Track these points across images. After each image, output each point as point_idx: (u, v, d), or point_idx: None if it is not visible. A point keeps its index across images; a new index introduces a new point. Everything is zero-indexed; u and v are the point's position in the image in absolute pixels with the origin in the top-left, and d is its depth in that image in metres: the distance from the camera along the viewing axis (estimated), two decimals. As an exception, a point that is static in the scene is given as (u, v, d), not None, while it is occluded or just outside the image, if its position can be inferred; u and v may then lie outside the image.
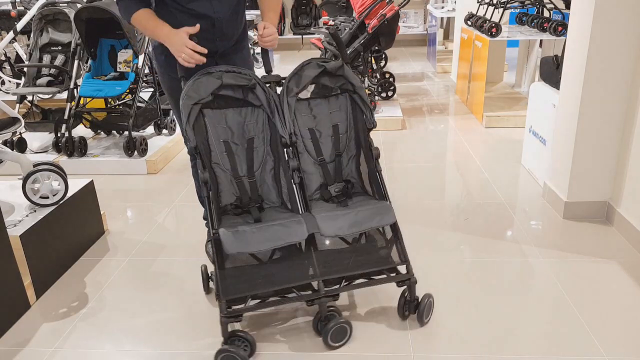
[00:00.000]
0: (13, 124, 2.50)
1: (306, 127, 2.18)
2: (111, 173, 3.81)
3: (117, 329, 2.11)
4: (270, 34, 2.10)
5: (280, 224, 1.93)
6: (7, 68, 5.38)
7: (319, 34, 6.61)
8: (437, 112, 5.05)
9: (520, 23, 5.25)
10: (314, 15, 8.61)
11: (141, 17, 2.05)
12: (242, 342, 1.88)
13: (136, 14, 2.04)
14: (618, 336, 1.96)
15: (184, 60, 1.97)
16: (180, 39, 1.97)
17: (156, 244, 2.78)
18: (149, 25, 2.05)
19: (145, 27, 2.07)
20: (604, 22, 2.52)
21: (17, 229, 2.27)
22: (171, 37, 1.99)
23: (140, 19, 2.05)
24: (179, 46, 1.97)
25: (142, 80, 3.89)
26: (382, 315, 2.11)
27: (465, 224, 2.85)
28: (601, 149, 2.74)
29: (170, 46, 2.01)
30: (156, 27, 2.03)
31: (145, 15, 2.05)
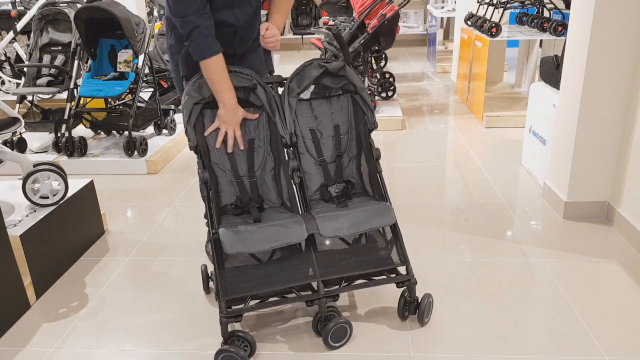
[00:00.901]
0: (13, 124, 2.50)
1: (307, 128, 2.18)
2: (111, 173, 3.81)
3: (117, 329, 2.11)
4: (272, 35, 2.11)
5: (280, 224, 1.93)
6: (7, 68, 5.38)
7: (319, 34, 6.61)
8: (437, 112, 5.05)
9: (520, 23, 5.25)
10: (314, 15, 8.61)
11: (217, 65, 1.97)
12: (242, 342, 1.88)
13: (214, 58, 1.95)
14: (618, 336, 1.96)
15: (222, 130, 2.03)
16: (238, 118, 2.04)
17: (156, 244, 2.78)
18: (222, 80, 1.98)
19: (214, 79, 1.98)
20: (604, 22, 2.52)
21: (17, 229, 2.28)
22: (232, 109, 2.02)
23: (216, 68, 1.97)
24: (233, 122, 2.04)
25: (142, 80, 3.89)
26: (382, 315, 2.11)
27: (465, 224, 2.85)
28: (601, 149, 2.74)
29: (224, 112, 2.02)
30: (226, 88, 2.00)
31: (221, 66, 1.98)
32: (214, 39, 1.96)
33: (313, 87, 2.17)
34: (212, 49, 1.95)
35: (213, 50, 1.95)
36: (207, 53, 1.94)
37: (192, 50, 1.96)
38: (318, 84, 2.17)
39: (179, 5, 1.92)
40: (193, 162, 3.98)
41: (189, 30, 1.93)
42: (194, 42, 1.94)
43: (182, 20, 1.93)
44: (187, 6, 1.91)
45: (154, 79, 4.18)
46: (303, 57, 7.45)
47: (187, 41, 1.96)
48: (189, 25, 1.92)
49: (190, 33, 1.93)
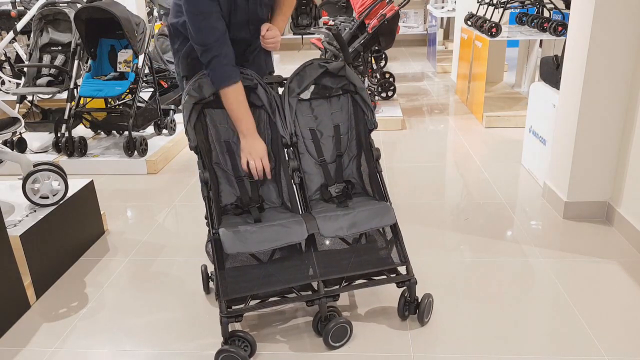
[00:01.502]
0: (13, 124, 2.50)
1: (307, 128, 2.18)
2: (111, 173, 3.81)
3: (117, 329, 2.11)
4: (272, 36, 2.11)
5: (280, 224, 1.93)
6: (7, 68, 5.38)
7: (319, 34, 6.61)
8: (437, 112, 5.05)
9: (520, 23, 5.25)
10: (314, 15, 8.60)
11: (237, 94, 1.99)
12: (242, 342, 1.88)
13: (232, 87, 1.97)
14: (618, 336, 1.96)
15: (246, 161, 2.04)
16: (262, 150, 2.05)
17: (156, 244, 2.78)
18: (241, 109, 2.00)
19: (234, 108, 2.00)
20: (604, 22, 2.52)
21: (17, 229, 2.27)
22: (254, 139, 2.03)
23: (235, 96, 1.99)
24: (256, 155, 2.04)
25: (142, 80, 3.89)
26: (382, 315, 2.12)
27: (465, 224, 2.85)
28: (601, 149, 2.74)
29: (245, 143, 2.03)
30: (245, 117, 2.01)
31: (241, 94, 2.00)
32: (233, 67, 1.98)
33: (313, 87, 2.17)
34: (232, 78, 1.97)
35: (232, 79, 1.97)
36: (226, 82, 1.97)
37: (212, 79, 1.99)
38: (318, 84, 2.17)
39: (200, 35, 1.93)
40: (193, 162, 3.98)
41: (209, 59, 1.95)
42: (213, 71, 1.96)
43: (203, 49, 1.95)
44: (209, 35, 1.93)
45: (154, 79, 4.18)
46: (303, 57, 7.45)
47: (207, 69, 1.98)
48: (209, 54, 1.94)
49: (210, 61, 1.95)
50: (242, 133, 2.03)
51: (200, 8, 1.90)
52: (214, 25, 1.93)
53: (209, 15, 1.92)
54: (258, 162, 2.04)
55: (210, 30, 1.92)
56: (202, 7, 1.90)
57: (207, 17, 1.92)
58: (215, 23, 1.93)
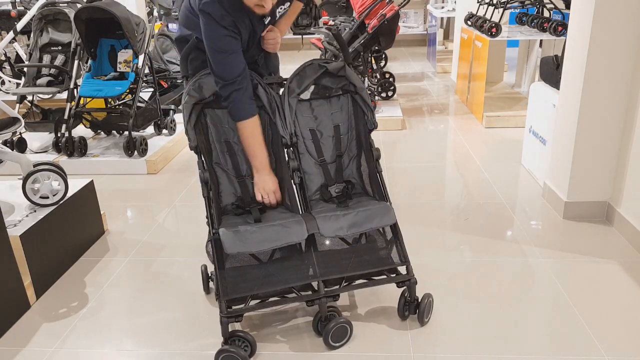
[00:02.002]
0: (13, 124, 2.50)
1: (307, 128, 2.18)
2: (111, 173, 3.81)
3: (117, 329, 2.11)
4: (272, 37, 2.12)
5: (280, 224, 1.93)
6: (7, 68, 5.38)
7: (319, 34, 6.61)
8: (437, 112, 5.05)
9: (520, 23, 5.25)
10: (314, 15, 8.60)
11: (254, 128, 2.02)
12: (242, 342, 1.88)
13: (249, 121, 2.01)
14: (618, 336, 1.96)
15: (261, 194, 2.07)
16: (274, 185, 2.08)
17: (156, 244, 2.78)
18: (256, 144, 2.03)
19: (250, 142, 2.03)
20: (604, 22, 2.52)
21: (17, 229, 2.27)
22: (266, 175, 2.06)
23: (252, 130, 2.02)
24: (269, 190, 2.07)
25: (142, 80, 3.89)
26: (382, 315, 2.12)
27: (465, 224, 2.85)
28: (601, 149, 2.74)
29: (260, 180, 2.06)
30: (260, 153, 2.04)
31: (257, 128, 2.03)
32: (252, 101, 2.01)
33: (313, 87, 2.17)
34: (250, 111, 2.00)
35: (250, 113, 2.00)
36: (245, 115, 2.00)
37: (231, 111, 2.01)
38: (318, 84, 2.17)
39: (222, 70, 1.94)
40: (193, 162, 3.98)
41: (230, 92, 1.97)
42: (233, 104, 1.98)
43: (224, 83, 1.96)
44: (232, 71, 1.95)
45: (154, 79, 4.18)
46: (303, 57, 7.44)
47: (226, 101, 1.99)
48: (230, 88, 1.96)
49: (230, 95, 1.97)
50: (256, 168, 2.06)
51: (223, 46, 1.91)
52: (236, 61, 1.95)
53: (231, 53, 1.93)
54: (271, 196, 2.08)
55: (233, 66, 1.94)
56: (225, 46, 1.92)
57: (229, 54, 1.93)
58: (237, 58, 1.95)
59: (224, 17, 1.87)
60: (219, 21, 1.87)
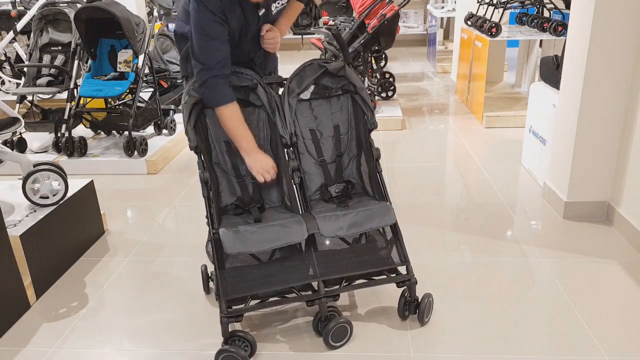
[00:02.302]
0: (13, 124, 2.50)
1: (307, 128, 2.18)
2: (111, 173, 3.81)
3: (117, 329, 2.11)
4: (272, 37, 2.11)
5: (280, 224, 1.93)
6: (7, 68, 5.37)
7: (319, 34, 6.61)
8: (437, 112, 5.05)
9: (520, 23, 5.25)
10: (314, 15, 8.60)
11: (233, 112, 1.98)
12: (242, 342, 1.88)
13: (228, 107, 1.97)
14: (618, 336, 1.96)
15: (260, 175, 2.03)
16: (268, 162, 2.04)
17: (156, 244, 2.78)
18: (239, 127, 2.00)
19: (231, 126, 1.99)
20: (604, 22, 2.52)
21: (17, 229, 2.27)
22: (257, 154, 2.03)
23: (231, 115, 1.98)
24: (266, 166, 2.03)
25: (142, 80, 3.89)
26: (382, 315, 2.12)
27: (465, 224, 2.85)
28: (601, 149, 2.74)
29: (250, 160, 2.02)
30: (245, 136, 2.01)
31: (237, 113, 1.99)
32: (228, 87, 1.98)
33: (313, 87, 2.17)
34: (227, 96, 1.97)
35: (228, 98, 1.97)
36: (223, 101, 1.96)
37: (206, 98, 1.98)
38: (318, 84, 2.17)
39: (203, 54, 1.93)
40: (193, 162, 3.97)
41: (206, 78, 1.94)
42: (209, 90, 1.95)
43: (202, 67, 1.94)
44: (211, 57, 1.93)
45: (154, 79, 4.18)
46: (303, 57, 7.44)
47: (202, 87, 1.97)
48: (207, 73, 1.94)
49: (206, 80, 1.95)
50: (245, 151, 2.03)
51: (208, 30, 1.91)
52: (218, 47, 1.93)
53: (215, 38, 1.92)
54: (271, 172, 2.05)
55: (213, 52, 1.93)
56: (210, 30, 1.91)
57: (213, 40, 1.92)
58: (220, 46, 1.94)
59: (213, 3, 1.88)
60: (208, 6, 1.88)
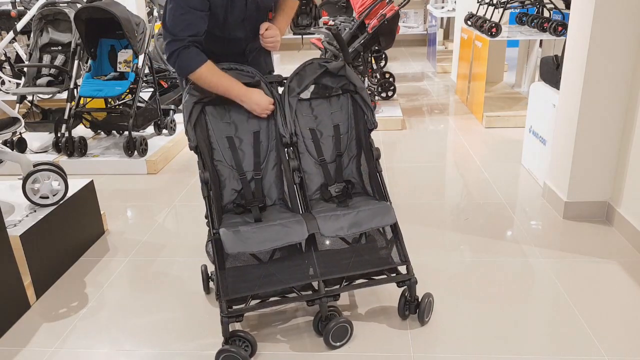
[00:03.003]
0: (13, 124, 2.50)
1: (307, 128, 2.18)
2: (111, 173, 3.81)
3: (117, 329, 2.11)
4: (271, 35, 2.11)
5: (281, 224, 1.93)
6: (7, 68, 5.37)
7: (319, 34, 6.61)
8: (437, 112, 5.05)
9: (520, 23, 5.25)
10: (314, 15, 8.60)
11: (210, 70, 1.94)
12: (242, 342, 1.88)
13: (202, 68, 1.92)
14: (618, 336, 1.96)
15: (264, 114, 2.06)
16: (265, 99, 2.05)
17: (156, 244, 2.78)
18: (223, 81, 1.96)
19: (216, 84, 1.96)
20: (604, 22, 2.52)
21: (17, 229, 2.27)
22: (253, 95, 2.02)
23: (209, 73, 1.94)
24: (265, 104, 2.04)
25: (142, 80, 3.89)
26: (383, 315, 2.12)
27: (465, 224, 2.85)
28: (601, 149, 2.74)
29: (250, 101, 2.02)
30: (232, 84, 1.98)
31: (214, 68, 1.95)
32: (198, 51, 1.93)
33: (313, 86, 2.17)
34: (199, 58, 1.93)
35: (200, 60, 1.93)
36: (195, 64, 1.92)
37: (179, 67, 1.93)
38: (318, 84, 2.17)
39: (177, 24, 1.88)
40: (193, 162, 3.97)
41: (176, 48, 1.90)
42: (179, 58, 1.91)
43: (172, 38, 1.89)
44: (185, 29, 1.89)
45: (154, 79, 4.18)
46: (303, 57, 7.44)
47: (172, 58, 1.92)
48: (177, 44, 1.90)
49: (175, 50, 1.90)
50: (240, 97, 2.01)
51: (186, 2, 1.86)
52: (195, 21, 1.89)
53: (193, 9, 1.88)
54: (271, 107, 2.06)
55: (189, 24, 1.88)
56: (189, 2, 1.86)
57: (191, 11, 1.87)
58: (197, 20, 1.89)
59: None
60: None
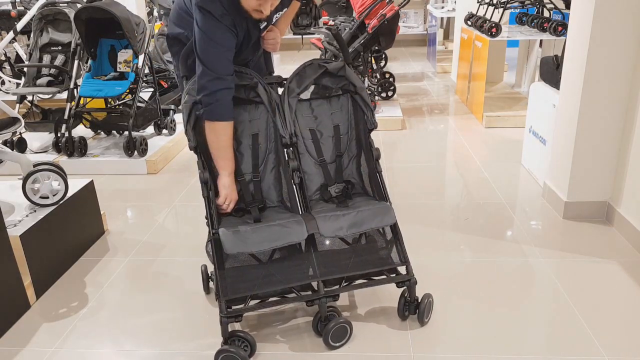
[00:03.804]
0: (13, 124, 2.50)
1: (307, 128, 2.18)
2: (111, 173, 3.81)
3: (117, 329, 2.11)
4: (272, 37, 2.12)
5: (280, 224, 1.93)
6: (7, 68, 5.38)
7: (319, 34, 6.61)
8: (437, 112, 5.05)
9: (520, 23, 5.25)
10: (314, 15, 8.60)
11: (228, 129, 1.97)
12: (242, 342, 1.88)
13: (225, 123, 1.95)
14: (618, 336, 1.96)
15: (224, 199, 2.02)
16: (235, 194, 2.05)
17: (156, 244, 2.78)
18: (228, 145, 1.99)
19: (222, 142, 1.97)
20: (604, 22, 2.52)
21: (17, 229, 2.27)
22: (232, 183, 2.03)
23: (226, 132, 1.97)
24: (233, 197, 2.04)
25: (142, 80, 3.89)
26: (382, 315, 2.11)
27: (465, 224, 2.85)
28: (601, 149, 2.74)
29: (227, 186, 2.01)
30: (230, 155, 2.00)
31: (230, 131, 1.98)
32: (232, 104, 1.97)
33: (313, 87, 2.17)
34: (231, 113, 1.96)
35: (231, 114, 1.97)
36: (226, 116, 1.95)
37: (213, 109, 1.93)
38: (318, 84, 2.17)
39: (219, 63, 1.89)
40: (193, 162, 3.97)
41: (219, 88, 1.90)
42: (218, 102, 1.92)
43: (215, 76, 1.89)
44: (227, 66, 1.91)
45: (154, 79, 4.18)
46: (303, 57, 7.45)
47: (211, 97, 1.91)
48: (221, 84, 1.90)
49: (218, 91, 1.91)
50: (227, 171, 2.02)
51: (222, 42, 1.88)
52: (231, 59, 1.92)
53: (229, 50, 1.90)
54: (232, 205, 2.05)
55: (228, 63, 1.91)
56: (224, 41, 1.88)
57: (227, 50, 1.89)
58: (231, 57, 1.92)
59: (224, 16, 1.86)
60: (219, 19, 1.85)
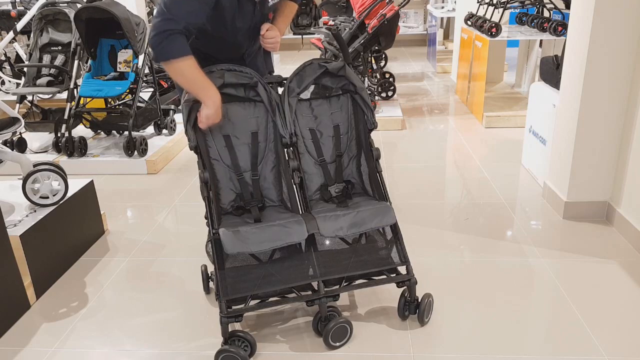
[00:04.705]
0: (13, 124, 2.50)
1: (307, 128, 2.18)
2: (111, 173, 3.81)
3: (117, 329, 2.11)
4: (272, 36, 2.11)
5: (280, 224, 1.93)
6: (7, 68, 5.38)
7: (319, 34, 6.61)
8: (437, 112, 5.05)
9: (520, 23, 5.25)
10: (314, 15, 8.60)
11: (191, 64, 1.85)
12: (242, 342, 1.88)
13: (186, 58, 1.83)
14: (618, 336, 1.96)
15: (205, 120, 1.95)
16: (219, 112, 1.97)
17: (156, 244, 2.78)
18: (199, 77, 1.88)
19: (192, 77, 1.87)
20: (604, 22, 2.52)
21: (17, 229, 2.27)
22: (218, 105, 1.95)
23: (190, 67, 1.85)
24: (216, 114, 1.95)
25: (142, 80, 3.89)
26: (382, 315, 2.12)
27: (465, 224, 2.85)
28: (601, 149, 2.74)
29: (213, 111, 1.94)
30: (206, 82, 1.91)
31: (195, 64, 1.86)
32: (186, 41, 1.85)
33: (313, 87, 2.17)
34: (186, 49, 1.84)
35: (186, 50, 1.84)
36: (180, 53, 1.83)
37: (163, 48, 1.80)
38: (318, 84, 2.17)
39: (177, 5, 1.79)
40: (193, 162, 3.98)
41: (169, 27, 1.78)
42: (167, 40, 1.79)
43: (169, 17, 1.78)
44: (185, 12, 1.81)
45: (154, 79, 4.18)
46: (303, 57, 7.45)
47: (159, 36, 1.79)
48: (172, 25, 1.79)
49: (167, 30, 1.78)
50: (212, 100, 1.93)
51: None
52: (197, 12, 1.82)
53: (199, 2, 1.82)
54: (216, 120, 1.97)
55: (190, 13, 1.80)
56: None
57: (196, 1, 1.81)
58: (199, 12, 1.83)
59: None
60: None
